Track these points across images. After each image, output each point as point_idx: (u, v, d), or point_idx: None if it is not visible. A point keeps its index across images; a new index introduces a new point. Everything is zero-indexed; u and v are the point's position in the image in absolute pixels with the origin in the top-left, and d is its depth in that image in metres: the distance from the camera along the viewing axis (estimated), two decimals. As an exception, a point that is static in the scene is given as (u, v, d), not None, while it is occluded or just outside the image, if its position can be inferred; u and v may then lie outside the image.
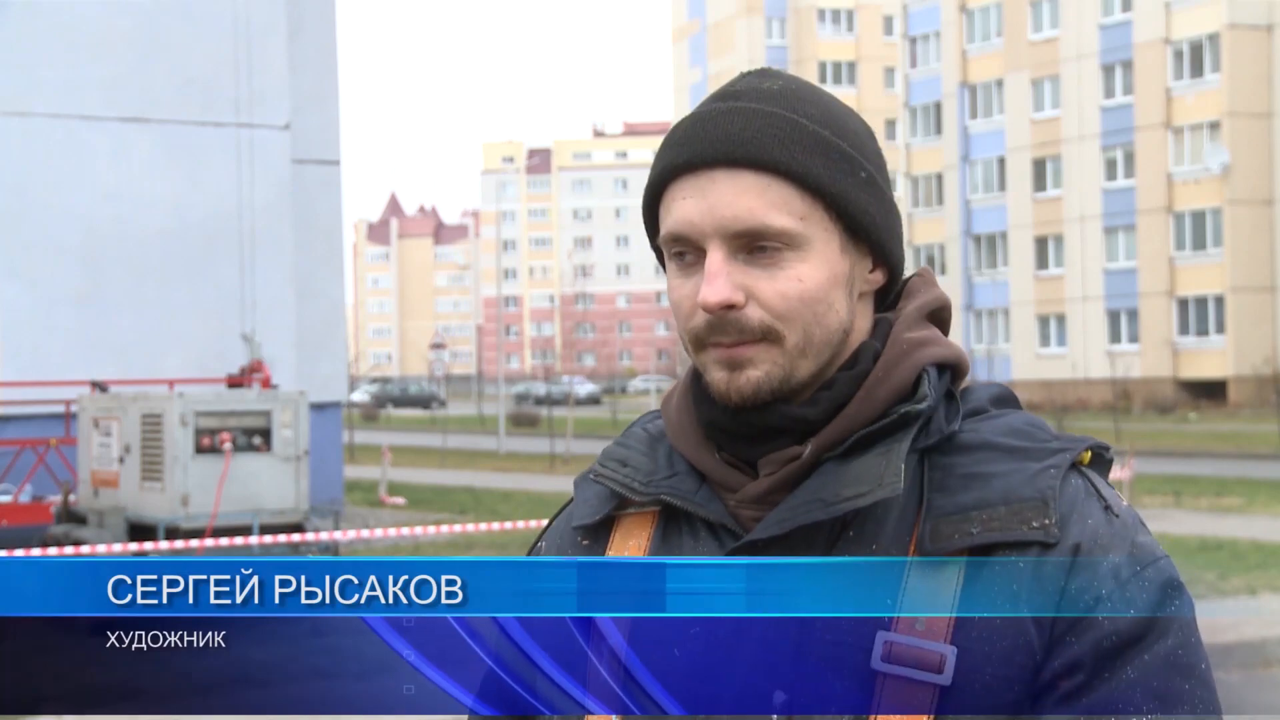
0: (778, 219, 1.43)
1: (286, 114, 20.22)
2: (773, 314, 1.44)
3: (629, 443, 1.57)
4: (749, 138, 1.44)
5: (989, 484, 1.41)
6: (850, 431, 1.45)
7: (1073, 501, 1.41)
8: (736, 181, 1.43)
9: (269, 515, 12.64)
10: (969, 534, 1.38)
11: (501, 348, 49.12)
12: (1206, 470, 27.26)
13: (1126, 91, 53.04)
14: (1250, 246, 50.54)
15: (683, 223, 1.45)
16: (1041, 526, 1.38)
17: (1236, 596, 12.62)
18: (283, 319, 19.88)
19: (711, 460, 1.50)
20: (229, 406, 13.01)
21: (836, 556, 1.41)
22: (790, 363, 1.45)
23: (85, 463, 13.75)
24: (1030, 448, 1.44)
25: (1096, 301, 53.89)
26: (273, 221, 20.02)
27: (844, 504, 1.40)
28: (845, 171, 1.46)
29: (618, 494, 1.52)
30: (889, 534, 1.42)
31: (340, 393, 22.16)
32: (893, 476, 1.40)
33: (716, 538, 1.47)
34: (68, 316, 18.79)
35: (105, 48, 19.13)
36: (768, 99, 1.47)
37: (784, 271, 1.44)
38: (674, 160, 1.47)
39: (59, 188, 18.84)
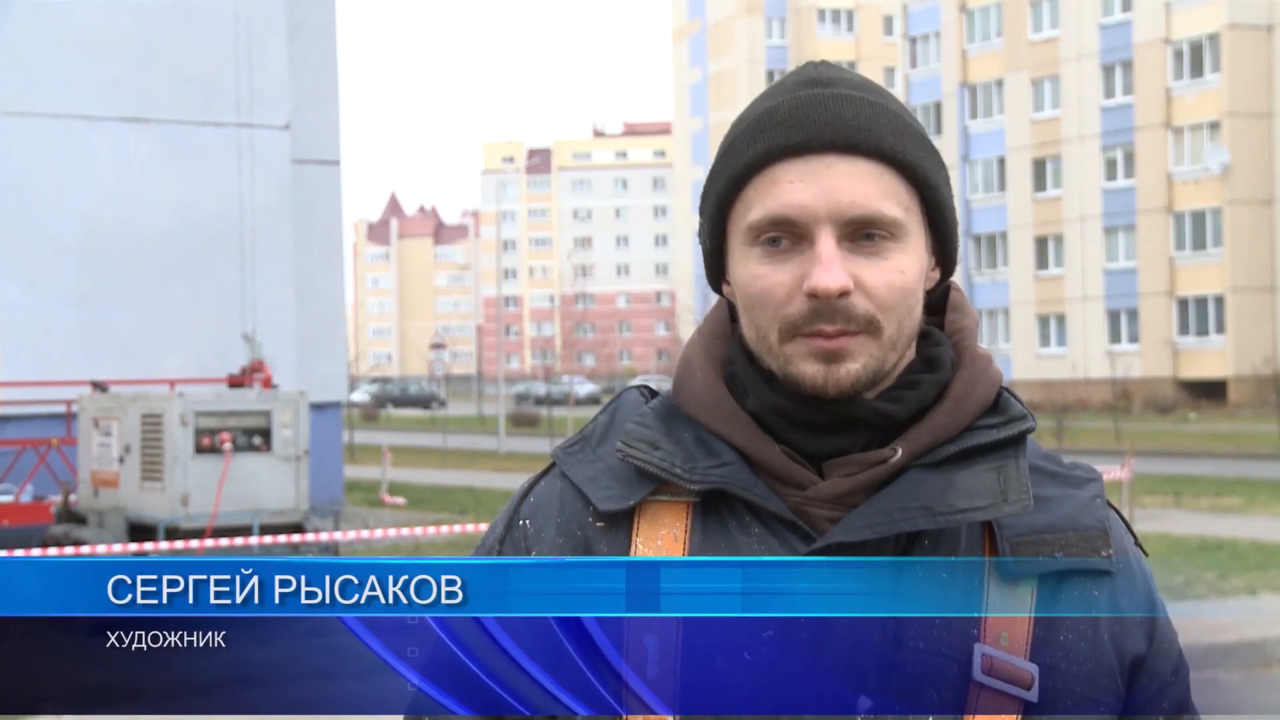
0: (890, 208, 1.42)
1: (286, 114, 20.22)
2: (877, 304, 1.41)
3: (648, 422, 1.48)
4: (864, 125, 1.42)
5: (1050, 508, 1.43)
6: (939, 441, 1.43)
7: (1120, 535, 1.47)
8: (853, 167, 1.41)
9: (269, 515, 12.63)
10: (1053, 556, 1.40)
11: (501, 348, 49.12)
12: (1206, 470, 27.25)
13: (1126, 91, 53.04)
14: (1250, 246, 50.54)
15: (792, 206, 1.41)
16: (1107, 555, 1.42)
17: (1236, 596, 12.62)
18: (283, 319, 19.88)
19: (773, 452, 1.44)
20: (229, 406, 13.00)
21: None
22: (884, 355, 1.43)
23: (85, 463, 13.75)
24: (1065, 474, 1.48)
25: (1096, 301, 53.89)
26: (273, 221, 20.02)
27: (959, 515, 1.39)
28: (937, 164, 1.47)
29: (653, 478, 1.44)
30: (963, 551, 1.41)
31: (340, 393, 22.15)
32: (1021, 493, 1.40)
33: (775, 535, 1.41)
34: (68, 316, 18.78)
35: (105, 48, 19.12)
36: (861, 87, 1.46)
37: (888, 262, 1.42)
38: (783, 142, 1.43)
39: (59, 188, 18.84)
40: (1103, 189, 53.71)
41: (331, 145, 21.64)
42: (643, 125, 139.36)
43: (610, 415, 1.53)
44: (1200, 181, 51.14)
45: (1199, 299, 51.48)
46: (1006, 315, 56.51)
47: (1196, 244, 51.49)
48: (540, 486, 1.52)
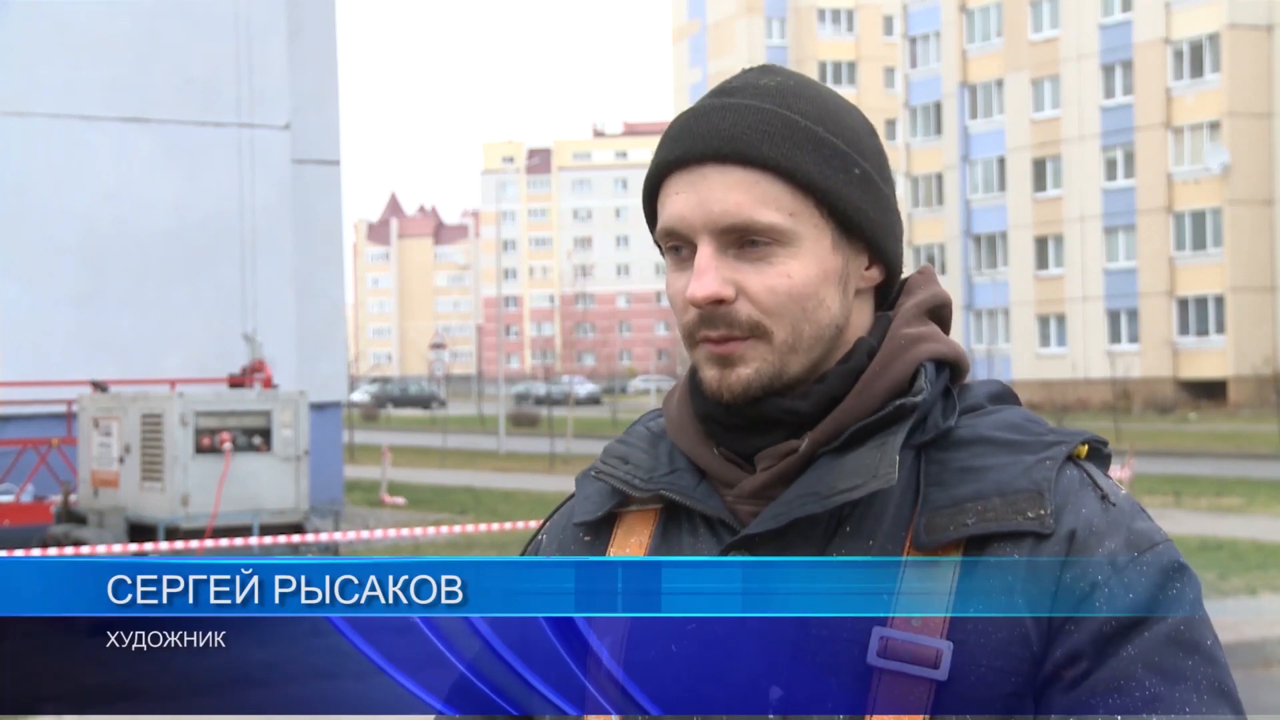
0: (766, 214, 1.43)
1: (286, 114, 20.22)
2: (761, 309, 1.44)
3: (631, 440, 1.57)
4: (738, 134, 1.44)
5: (984, 477, 1.41)
6: (846, 425, 1.45)
7: (1067, 492, 1.41)
8: (725, 177, 1.44)
9: (269, 515, 12.63)
10: (964, 525, 1.38)
11: (501, 348, 49.11)
12: (1206, 470, 27.25)
13: (1126, 91, 53.03)
14: (1250, 246, 50.53)
15: (675, 218, 1.46)
16: (1037, 517, 1.38)
17: (1236, 596, 12.62)
18: (283, 319, 19.88)
19: (709, 455, 1.50)
20: (229, 406, 13.00)
21: (833, 551, 1.41)
22: (780, 359, 1.45)
23: (85, 463, 13.74)
24: (1026, 441, 1.44)
25: (1096, 301, 53.88)
26: (273, 221, 20.02)
27: (838, 496, 1.40)
28: (837, 168, 1.46)
29: (619, 491, 1.52)
30: (885, 529, 1.41)
31: (340, 393, 22.15)
32: (887, 468, 1.40)
33: (714, 534, 1.46)
34: (68, 316, 18.78)
35: (105, 48, 19.12)
36: (762, 95, 1.47)
37: (773, 267, 1.44)
38: (667, 156, 1.48)
39: (59, 188, 18.84)
40: (1103, 189, 53.69)
41: (331, 145, 21.64)
42: (643, 125, 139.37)
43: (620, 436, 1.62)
44: (1200, 181, 51.12)
45: (1199, 299, 51.47)
46: (1006, 315, 56.50)
47: (1196, 244, 51.48)
48: (564, 505, 1.62)
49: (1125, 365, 50.95)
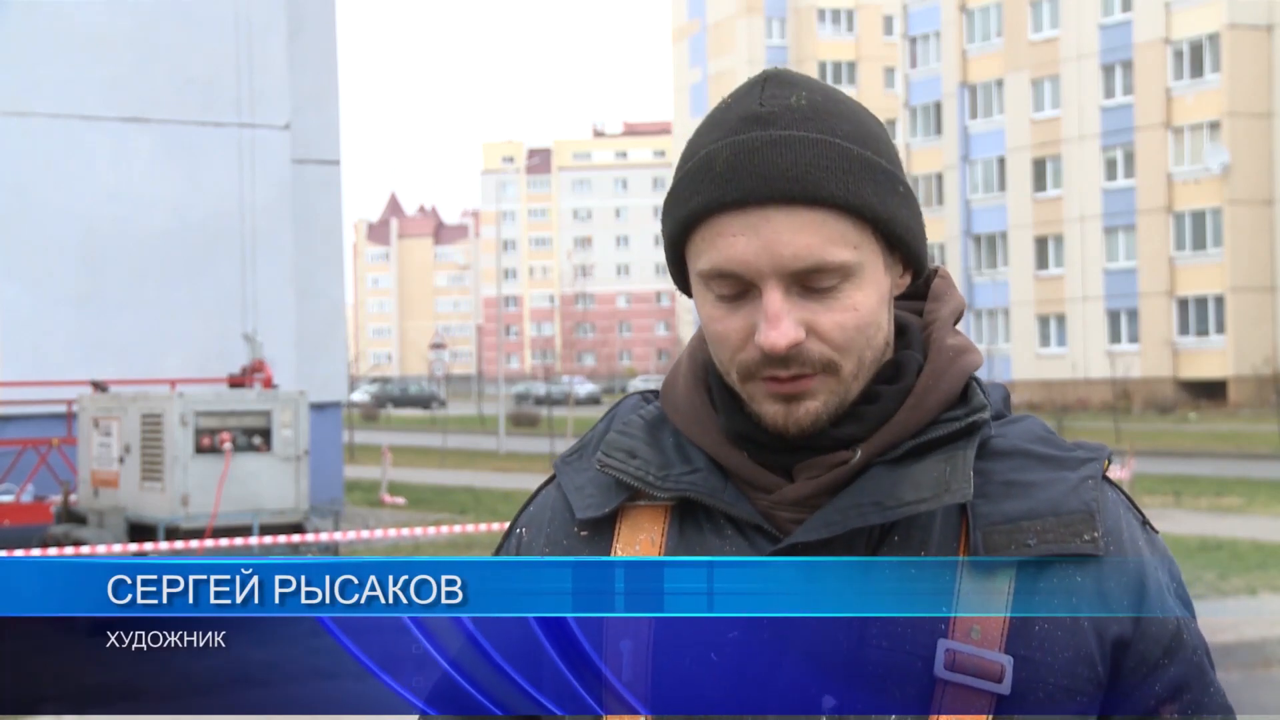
0: (837, 254, 1.39)
1: (286, 114, 20.22)
2: (832, 346, 1.41)
3: (631, 431, 1.51)
4: (801, 173, 1.39)
5: (1031, 493, 1.41)
6: (899, 439, 1.44)
7: (1115, 515, 1.44)
8: (793, 219, 1.38)
9: (269, 515, 12.63)
10: (1025, 545, 1.38)
11: (501, 348, 49.11)
12: (1206, 470, 27.25)
13: (1126, 91, 53.03)
14: (1250, 246, 50.53)
15: (736, 261, 1.40)
16: (1091, 540, 1.39)
17: (1236, 596, 12.62)
18: (283, 319, 19.88)
19: (740, 459, 1.46)
20: (229, 406, 13.00)
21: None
22: (845, 389, 1.43)
23: (85, 463, 13.74)
24: (1060, 456, 1.46)
25: (1096, 301, 53.88)
26: (273, 221, 20.02)
27: (905, 508, 1.39)
28: (889, 191, 1.43)
29: (629, 486, 1.47)
30: (935, 541, 1.41)
31: (340, 393, 22.15)
32: (961, 483, 1.39)
33: (746, 538, 1.43)
34: (68, 316, 18.78)
35: (105, 48, 19.12)
36: (804, 122, 1.42)
37: (839, 302, 1.41)
38: (722, 196, 1.40)
39: (59, 188, 18.83)
40: (1103, 189, 53.69)
41: (331, 145, 21.64)
42: (643, 125, 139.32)
43: (606, 423, 1.55)
44: (1200, 181, 51.13)
45: (1199, 299, 51.47)
46: (1006, 315, 56.50)
47: (1196, 244, 51.48)
48: (540, 496, 1.56)
49: (1125, 365, 50.95)
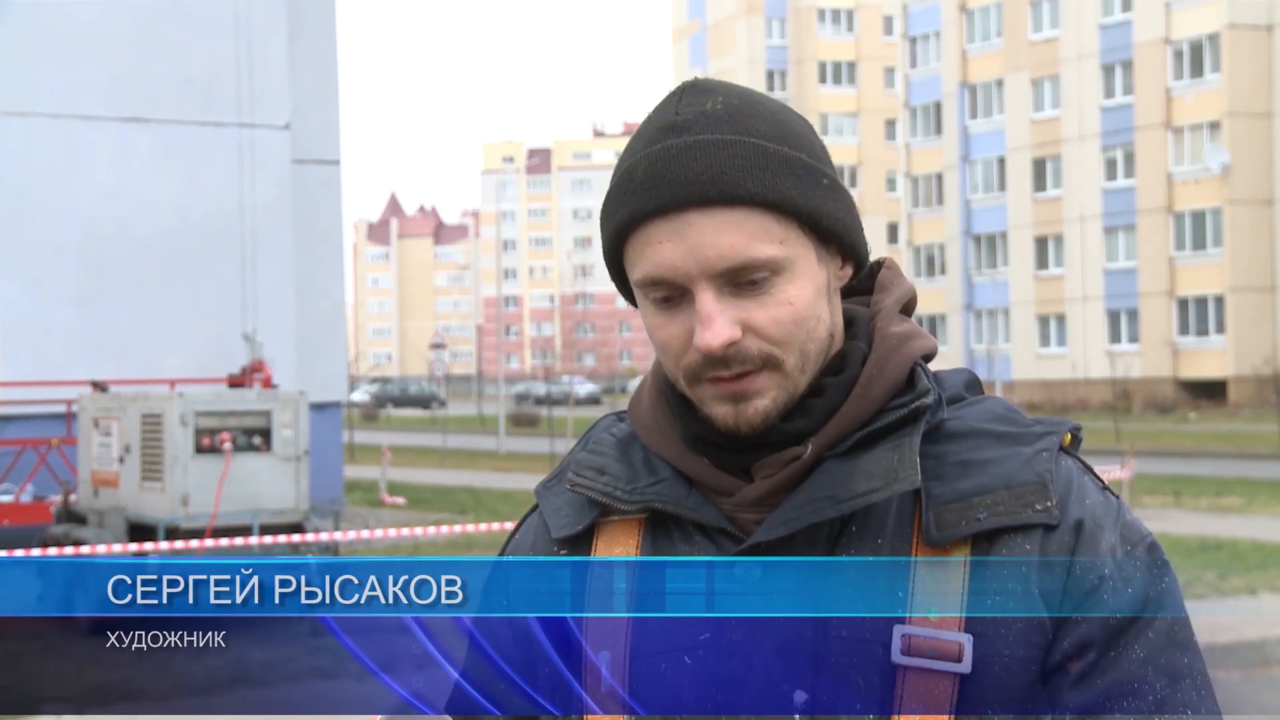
0: (762, 249, 1.41)
1: (286, 114, 20.22)
2: (770, 341, 1.43)
3: (601, 449, 1.54)
4: (716, 174, 1.41)
5: (985, 470, 1.43)
6: (848, 430, 1.45)
7: (1068, 482, 1.44)
8: (713, 219, 1.40)
9: (269, 515, 12.62)
10: (975, 519, 1.39)
11: (501, 348, 49.12)
12: (1206, 470, 27.25)
13: (1126, 91, 53.03)
14: (1250, 246, 50.53)
15: (664, 267, 1.42)
16: (1044, 509, 1.40)
17: (1236, 596, 12.62)
18: (283, 319, 19.87)
19: (700, 465, 1.48)
20: (229, 406, 12.99)
21: (841, 553, 1.42)
22: (792, 383, 1.45)
23: (85, 463, 13.73)
24: (1017, 432, 1.46)
25: (1096, 301, 53.88)
26: (273, 221, 20.01)
27: (858, 499, 1.41)
28: (810, 184, 1.44)
29: (598, 503, 1.50)
30: (891, 526, 1.42)
31: (340, 393, 22.15)
32: (909, 469, 1.40)
33: (714, 542, 1.45)
34: (68, 316, 18.78)
35: (105, 48, 19.12)
36: (718, 125, 1.43)
37: (773, 298, 1.42)
38: (644, 206, 1.43)
39: (59, 188, 18.83)
40: (1103, 189, 53.69)
41: (331, 145, 21.64)
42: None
43: (582, 446, 1.58)
44: (1200, 181, 51.12)
45: (1199, 299, 51.47)
46: (1006, 315, 56.49)
47: (1196, 244, 51.48)
48: (524, 525, 1.59)
49: (1125, 365, 50.94)
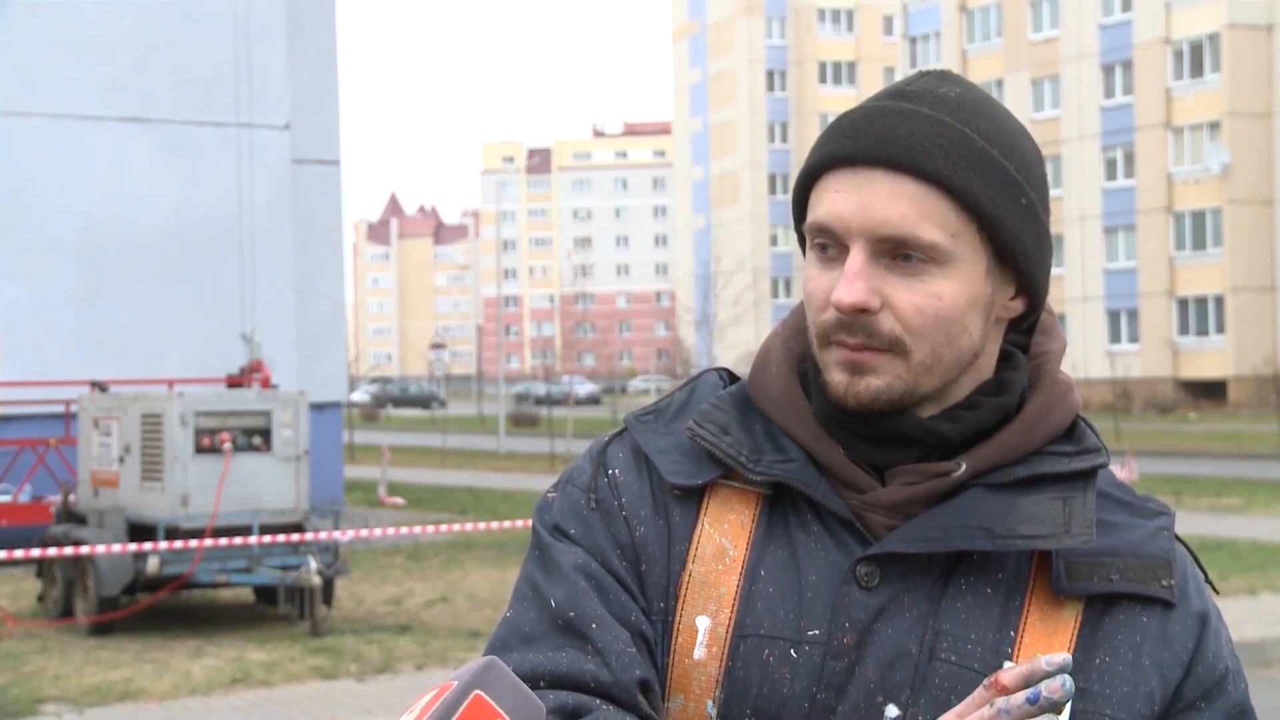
0: (928, 231, 1.38)
1: (286, 114, 20.21)
2: (904, 325, 1.39)
3: (724, 406, 1.49)
4: (915, 143, 1.39)
5: (1114, 533, 1.43)
6: (1004, 460, 1.43)
7: (1184, 568, 1.46)
8: (894, 185, 1.38)
9: (269, 515, 12.59)
10: (1108, 579, 1.40)
11: (501, 348, 49.14)
12: (1206, 470, 27.27)
13: (1126, 91, 53.04)
14: (1250, 246, 50.53)
15: (831, 216, 1.40)
16: (1168, 586, 1.42)
17: (1236, 596, 12.61)
18: (283, 319, 19.86)
19: (834, 453, 1.44)
20: (229, 406, 12.96)
21: (957, 578, 1.41)
22: (914, 378, 1.41)
23: (85, 463, 13.71)
24: (1135, 504, 1.47)
25: (1096, 301, 53.88)
26: (273, 221, 20.01)
27: (1017, 540, 1.39)
28: (1006, 195, 1.41)
29: (721, 462, 1.46)
30: (1011, 565, 1.42)
31: (340, 393, 22.15)
32: (1083, 529, 1.39)
33: (833, 536, 1.43)
34: (68, 316, 18.77)
35: (105, 48, 19.11)
36: (942, 105, 1.42)
37: (924, 285, 1.39)
38: (835, 151, 1.42)
39: (59, 188, 18.82)
40: (1103, 189, 53.69)
41: (331, 145, 21.64)
42: (643, 125, 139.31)
43: (688, 394, 1.54)
44: (1200, 181, 51.12)
45: (1199, 299, 51.47)
46: (1006, 315, 56.49)
47: (1196, 244, 51.48)
48: (614, 445, 1.53)
49: (1125, 365, 50.95)
